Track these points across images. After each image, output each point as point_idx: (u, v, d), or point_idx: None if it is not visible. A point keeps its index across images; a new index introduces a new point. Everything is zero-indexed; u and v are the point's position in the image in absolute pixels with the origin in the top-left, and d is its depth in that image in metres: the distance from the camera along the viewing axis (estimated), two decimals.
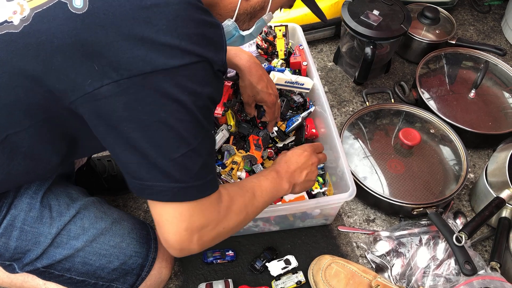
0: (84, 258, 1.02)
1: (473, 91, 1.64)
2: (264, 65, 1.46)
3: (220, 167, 1.34)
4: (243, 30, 0.98)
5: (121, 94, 0.75)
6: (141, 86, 0.74)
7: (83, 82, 0.75)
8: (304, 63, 1.52)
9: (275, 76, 1.37)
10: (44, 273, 1.03)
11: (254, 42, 1.48)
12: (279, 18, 1.77)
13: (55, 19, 0.75)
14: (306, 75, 1.51)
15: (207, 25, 0.79)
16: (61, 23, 0.75)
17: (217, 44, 0.81)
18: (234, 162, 1.32)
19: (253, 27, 0.99)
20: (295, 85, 1.42)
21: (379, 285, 1.19)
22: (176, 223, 0.83)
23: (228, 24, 0.94)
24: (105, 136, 0.80)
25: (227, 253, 1.29)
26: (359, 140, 1.52)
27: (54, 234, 1.00)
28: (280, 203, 1.29)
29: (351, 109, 1.72)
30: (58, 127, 0.86)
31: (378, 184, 1.41)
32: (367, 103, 1.61)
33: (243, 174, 1.33)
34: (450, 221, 1.36)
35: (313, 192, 1.35)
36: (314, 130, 1.44)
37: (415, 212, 1.37)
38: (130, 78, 0.74)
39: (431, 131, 1.55)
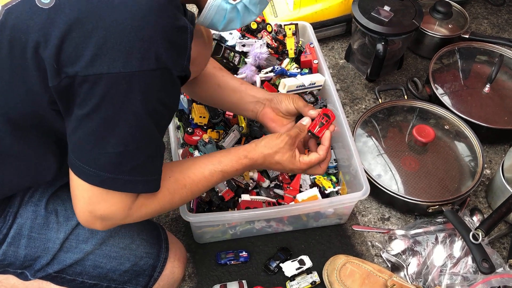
0: (95, 261, 1.02)
1: (488, 85, 1.62)
2: (277, 68, 1.45)
3: None
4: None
5: (76, 86, 0.75)
6: (94, 84, 0.74)
7: (50, 77, 0.75)
8: (315, 61, 1.51)
9: (285, 85, 1.37)
10: (56, 278, 1.03)
11: (264, 43, 1.47)
12: (289, 16, 1.76)
13: (22, 14, 0.75)
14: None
15: (174, 29, 0.78)
16: (28, 17, 0.74)
17: (180, 49, 0.80)
18: None
19: None
20: (307, 87, 1.42)
21: (394, 285, 1.17)
22: (83, 202, 0.85)
23: None
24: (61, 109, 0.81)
25: (240, 254, 1.28)
26: (373, 138, 1.50)
27: (62, 239, 1.00)
28: (293, 203, 1.29)
29: (363, 106, 1.70)
30: (42, 127, 0.86)
31: (392, 182, 1.40)
32: (379, 100, 1.59)
33: (255, 175, 1.33)
34: (467, 219, 1.34)
35: (326, 192, 1.33)
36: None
37: (430, 210, 1.35)
38: (86, 76, 0.74)
39: (445, 127, 1.53)
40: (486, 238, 1.28)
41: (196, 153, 1.33)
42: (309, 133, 1.11)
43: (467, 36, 1.77)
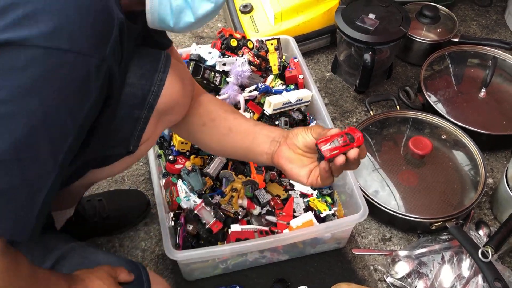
0: None
1: (483, 90, 1.56)
2: (261, 86, 1.37)
3: (220, 196, 1.25)
4: None
5: None
6: None
7: None
8: (301, 76, 1.45)
9: (270, 103, 1.31)
10: None
11: (246, 60, 1.40)
12: (270, 31, 1.69)
13: None
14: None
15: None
16: None
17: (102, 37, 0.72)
18: (234, 189, 1.24)
19: None
20: (294, 104, 1.35)
21: None
22: None
23: None
24: None
25: None
26: (367, 153, 1.43)
27: None
28: (287, 230, 1.20)
29: (354, 120, 1.63)
30: None
31: (391, 199, 1.33)
32: (371, 112, 1.52)
33: (244, 202, 1.25)
34: (473, 233, 1.26)
35: (322, 215, 1.25)
36: None
37: (433, 227, 1.28)
38: None
39: (442, 137, 1.47)
40: (495, 254, 1.20)
41: (180, 182, 1.24)
42: (317, 154, 0.89)
43: (457, 40, 1.71)
